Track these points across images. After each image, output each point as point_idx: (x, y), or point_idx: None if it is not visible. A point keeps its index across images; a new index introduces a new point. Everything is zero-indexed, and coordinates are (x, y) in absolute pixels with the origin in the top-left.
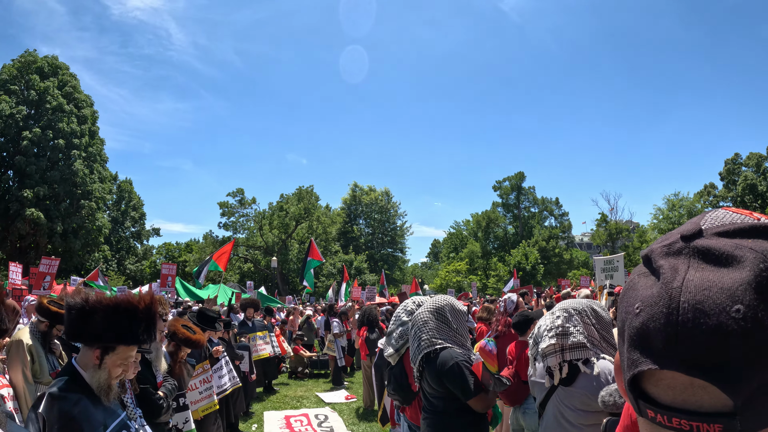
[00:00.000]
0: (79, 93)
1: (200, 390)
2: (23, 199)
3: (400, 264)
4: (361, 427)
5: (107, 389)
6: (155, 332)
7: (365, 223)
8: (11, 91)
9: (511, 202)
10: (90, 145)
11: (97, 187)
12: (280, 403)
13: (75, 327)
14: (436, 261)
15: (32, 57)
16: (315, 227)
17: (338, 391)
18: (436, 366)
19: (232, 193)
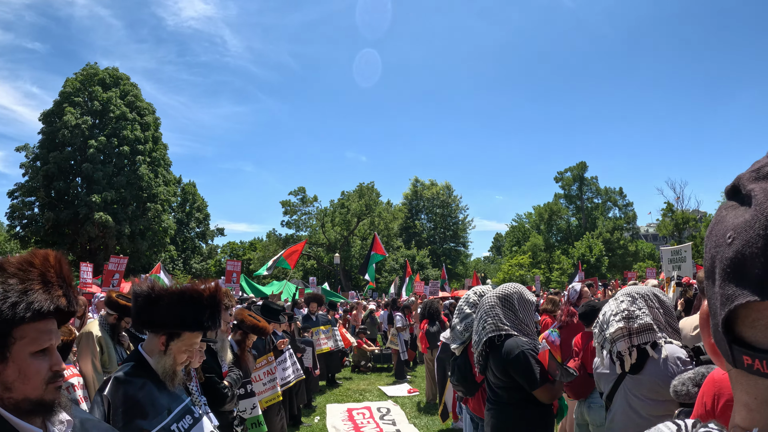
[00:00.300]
0: (141, 101)
1: (264, 381)
2: (92, 203)
3: (463, 258)
4: (423, 421)
5: (172, 375)
6: (219, 319)
7: (427, 218)
8: (76, 103)
9: (573, 193)
10: (154, 151)
11: (162, 190)
12: (342, 396)
13: (142, 314)
14: (499, 255)
15: (94, 70)
16: (377, 223)
17: (401, 385)
18: (501, 354)
19: (294, 191)
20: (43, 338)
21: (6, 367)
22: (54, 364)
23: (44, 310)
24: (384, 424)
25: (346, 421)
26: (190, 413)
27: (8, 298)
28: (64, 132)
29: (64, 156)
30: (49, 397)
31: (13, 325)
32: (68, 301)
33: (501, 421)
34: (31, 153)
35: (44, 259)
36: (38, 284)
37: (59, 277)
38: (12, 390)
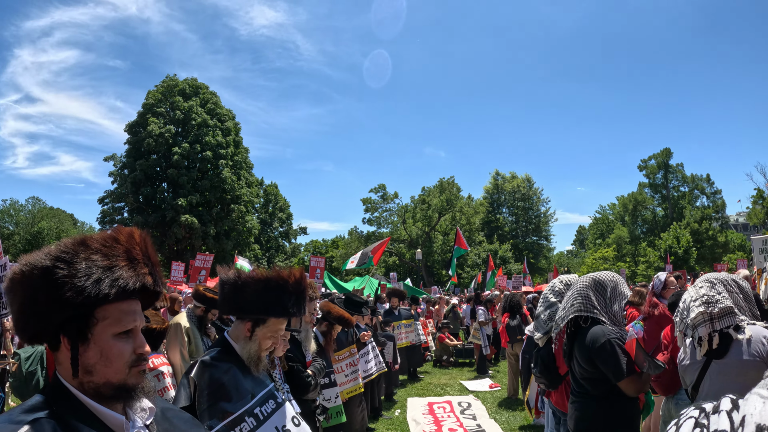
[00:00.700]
0: (221, 108)
1: (346, 373)
2: (178, 207)
3: (545, 252)
4: (504, 416)
5: (257, 360)
6: (304, 306)
7: (508, 212)
8: (158, 113)
9: (658, 181)
10: (235, 154)
11: (245, 192)
12: (423, 390)
13: (228, 301)
14: (582, 248)
15: (173, 81)
16: (458, 218)
17: (482, 380)
18: (586, 342)
19: (374, 189)
20: (127, 319)
21: (87, 348)
22: (138, 347)
23: (129, 287)
24: (464, 419)
25: (427, 414)
26: (273, 398)
27: (92, 275)
28: (148, 141)
29: (150, 163)
30: (132, 382)
31: (95, 305)
32: (154, 279)
33: (584, 414)
34: (119, 162)
35: (129, 235)
36: (123, 261)
37: (145, 254)
38: (93, 373)
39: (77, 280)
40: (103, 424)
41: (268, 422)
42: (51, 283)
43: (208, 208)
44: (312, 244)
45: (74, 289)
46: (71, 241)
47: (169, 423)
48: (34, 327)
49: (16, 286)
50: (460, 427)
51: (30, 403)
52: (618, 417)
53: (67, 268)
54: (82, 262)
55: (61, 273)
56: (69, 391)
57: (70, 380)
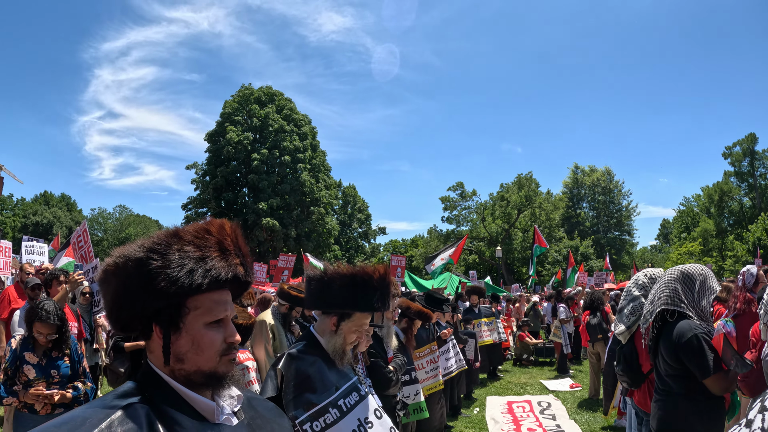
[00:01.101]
0: (297, 114)
1: (426, 370)
2: (259, 210)
3: (628, 248)
4: (585, 417)
5: (342, 354)
6: (389, 301)
7: (589, 206)
8: (236, 122)
9: (744, 169)
10: (313, 158)
11: (323, 194)
12: (503, 389)
13: (315, 296)
14: (666, 243)
15: (249, 90)
16: (537, 214)
17: (563, 379)
18: (673, 337)
19: (452, 187)
20: (219, 309)
21: (179, 337)
22: (229, 336)
23: (222, 278)
24: (544, 419)
25: (506, 413)
26: (357, 391)
27: (185, 266)
28: (228, 148)
29: (230, 170)
30: (222, 370)
31: (187, 295)
32: (245, 270)
33: (668, 412)
34: (200, 170)
35: (221, 227)
36: (215, 252)
37: (236, 245)
38: (184, 361)
39: (170, 271)
40: (194, 409)
41: (351, 414)
42: (144, 273)
43: (289, 210)
44: (391, 244)
45: (167, 280)
46: (164, 234)
47: (255, 411)
48: (126, 316)
49: (110, 277)
50: (539, 427)
51: (123, 389)
52: (702, 417)
53: (160, 259)
54: (175, 253)
55: (155, 264)
56: (161, 377)
57: (161, 368)
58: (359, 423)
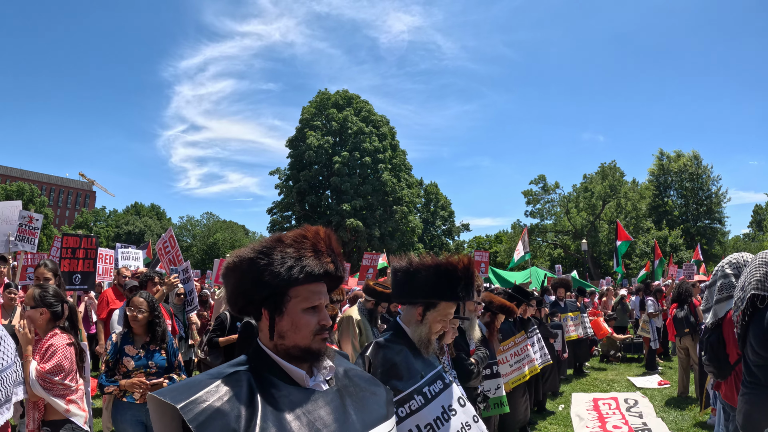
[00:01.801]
0: (374, 115)
1: (511, 363)
2: (342, 211)
3: (720, 237)
4: (672, 415)
5: (427, 343)
6: (473, 290)
7: (676, 194)
8: (315, 127)
9: None
10: (393, 158)
11: (405, 193)
12: (589, 386)
13: (401, 287)
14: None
15: (326, 95)
16: (623, 204)
17: (651, 376)
18: (763, 324)
19: (534, 180)
20: (314, 297)
21: (282, 319)
22: (322, 319)
23: (314, 272)
24: (630, 417)
25: (591, 410)
26: (441, 379)
27: (285, 263)
28: (309, 153)
29: (313, 173)
30: (315, 347)
31: (289, 286)
32: (336, 267)
33: (756, 406)
34: (283, 175)
35: (315, 232)
36: (310, 252)
37: (328, 247)
38: (285, 338)
39: (274, 268)
40: (288, 376)
41: (436, 401)
42: (254, 270)
43: (371, 211)
44: (475, 240)
45: (272, 274)
46: (270, 239)
47: (350, 380)
48: (242, 303)
49: (230, 273)
50: (625, 425)
51: (236, 360)
52: None
53: (266, 258)
54: (278, 254)
55: (263, 263)
56: (264, 351)
57: (267, 343)
58: (443, 410)
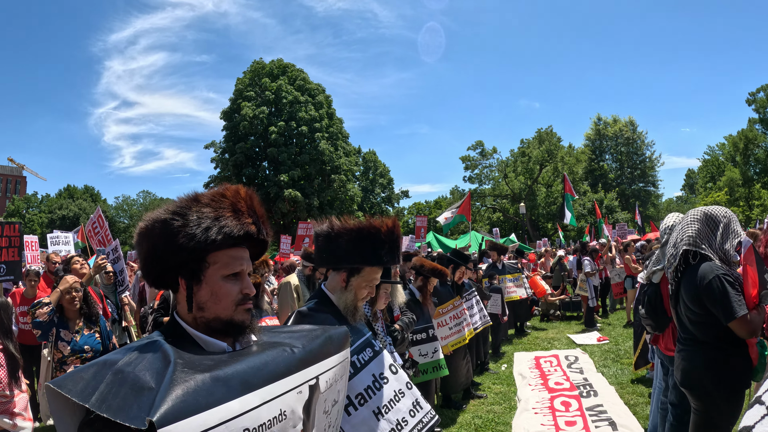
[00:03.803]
0: (310, 83)
1: (450, 326)
2: (280, 183)
3: (653, 200)
4: (612, 370)
5: (353, 310)
6: (399, 255)
7: (612, 158)
8: (250, 98)
9: None
10: (330, 126)
11: (343, 162)
12: (530, 345)
13: (323, 252)
14: (692, 194)
15: (260, 65)
16: (560, 168)
17: (590, 333)
18: (695, 280)
19: (472, 146)
20: (235, 263)
21: (200, 288)
22: (245, 288)
23: (233, 234)
24: (571, 373)
25: (533, 369)
26: (371, 346)
27: (201, 224)
28: (244, 124)
29: (249, 145)
30: (238, 318)
31: (207, 250)
32: (258, 228)
33: (692, 363)
34: (219, 148)
35: (236, 191)
36: (229, 212)
37: (249, 207)
38: (204, 309)
39: (189, 229)
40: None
41: (365, 370)
42: (168, 232)
43: (310, 181)
44: (415, 207)
45: (187, 236)
46: (185, 198)
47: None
48: (156, 271)
49: (142, 238)
50: (566, 381)
51: (149, 336)
52: (729, 366)
53: (181, 219)
54: (194, 214)
55: (177, 224)
56: (181, 325)
57: (185, 316)
58: (374, 378)
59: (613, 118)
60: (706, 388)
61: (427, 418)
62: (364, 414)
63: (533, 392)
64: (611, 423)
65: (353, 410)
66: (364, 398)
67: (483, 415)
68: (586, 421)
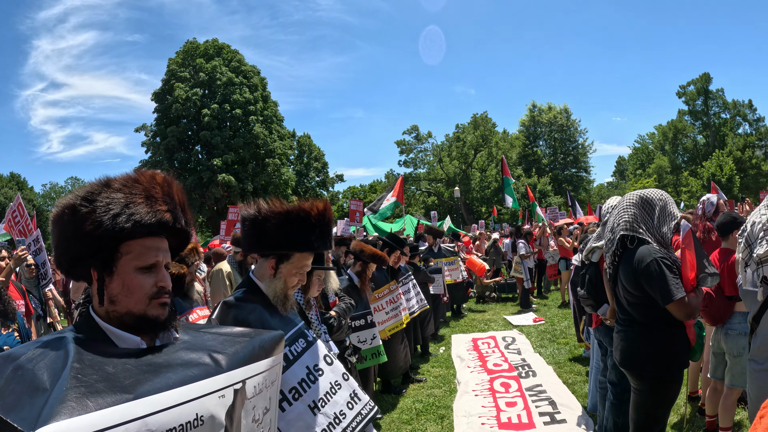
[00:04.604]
0: (245, 65)
1: (387, 310)
2: (213, 167)
3: (585, 185)
4: (549, 350)
5: (283, 299)
6: (330, 240)
7: (546, 144)
8: (183, 78)
9: (698, 108)
10: (265, 109)
11: (278, 145)
12: (468, 327)
13: (250, 237)
14: (623, 180)
15: (194, 45)
16: (494, 153)
17: (526, 314)
18: (633, 263)
19: (408, 130)
20: (149, 254)
21: (112, 280)
22: (160, 280)
23: (144, 222)
24: (509, 354)
25: (471, 350)
26: (304, 337)
27: (110, 210)
28: (176, 106)
29: (181, 128)
30: (152, 313)
31: (118, 239)
32: (174, 217)
33: (631, 344)
34: (150, 131)
35: (151, 177)
36: (141, 198)
37: (166, 194)
38: (116, 303)
39: (96, 216)
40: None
41: (299, 362)
42: (77, 219)
43: (244, 165)
44: (350, 191)
45: (94, 223)
46: (96, 182)
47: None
48: (67, 261)
49: (53, 225)
50: (504, 362)
51: (60, 331)
52: (666, 346)
53: (89, 205)
54: (103, 200)
55: (85, 210)
56: (94, 319)
57: (98, 310)
58: (308, 371)
59: (548, 105)
60: (646, 368)
61: (365, 410)
62: (299, 409)
63: (472, 374)
64: (551, 402)
65: (287, 405)
66: (299, 392)
67: (423, 399)
68: (527, 401)
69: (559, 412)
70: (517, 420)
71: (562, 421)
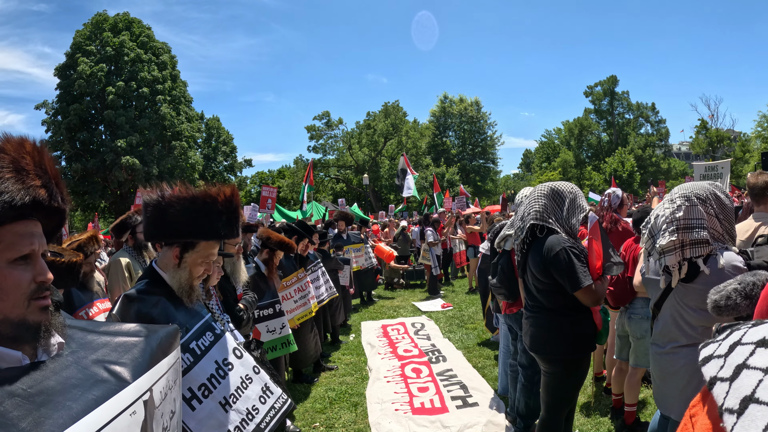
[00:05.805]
0: (155, 42)
1: (295, 299)
2: (117, 149)
3: (492, 176)
4: (458, 335)
5: (189, 290)
6: (238, 227)
7: (455, 135)
8: (88, 52)
9: (604, 108)
10: (173, 89)
11: (185, 127)
12: (377, 314)
13: (152, 225)
14: (529, 172)
15: (103, 17)
16: (404, 142)
17: (434, 300)
18: (542, 252)
19: (318, 116)
20: (23, 242)
21: None
22: (38, 274)
23: (17, 202)
24: (419, 339)
25: (381, 337)
26: (211, 330)
27: None
28: (80, 82)
29: (84, 106)
30: (33, 319)
31: None
32: (50, 194)
33: (540, 329)
34: (51, 109)
35: (18, 144)
36: (9, 173)
37: (38, 166)
38: None
39: None
40: None
41: (207, 356)
42: None
43: (149, 147)
44: (258, 176)
45: None
46: None
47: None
48: None
49: None
50: (415, 348)
51: None
52: (575, 332)
53: None
54: None
55: None
56: None
57: None
58: (218, 366)
59: (459, 97)
60: (555, 352)
61: (279, 404)
62: (210, 406)
63: (383, 361)
64: (462, 386)
65: (197, 404)
66: (209, 389)
67: (336, 387)
68: (438, 386)
69: (471, 396)
70: (430, 405)
71: (474, 404)
